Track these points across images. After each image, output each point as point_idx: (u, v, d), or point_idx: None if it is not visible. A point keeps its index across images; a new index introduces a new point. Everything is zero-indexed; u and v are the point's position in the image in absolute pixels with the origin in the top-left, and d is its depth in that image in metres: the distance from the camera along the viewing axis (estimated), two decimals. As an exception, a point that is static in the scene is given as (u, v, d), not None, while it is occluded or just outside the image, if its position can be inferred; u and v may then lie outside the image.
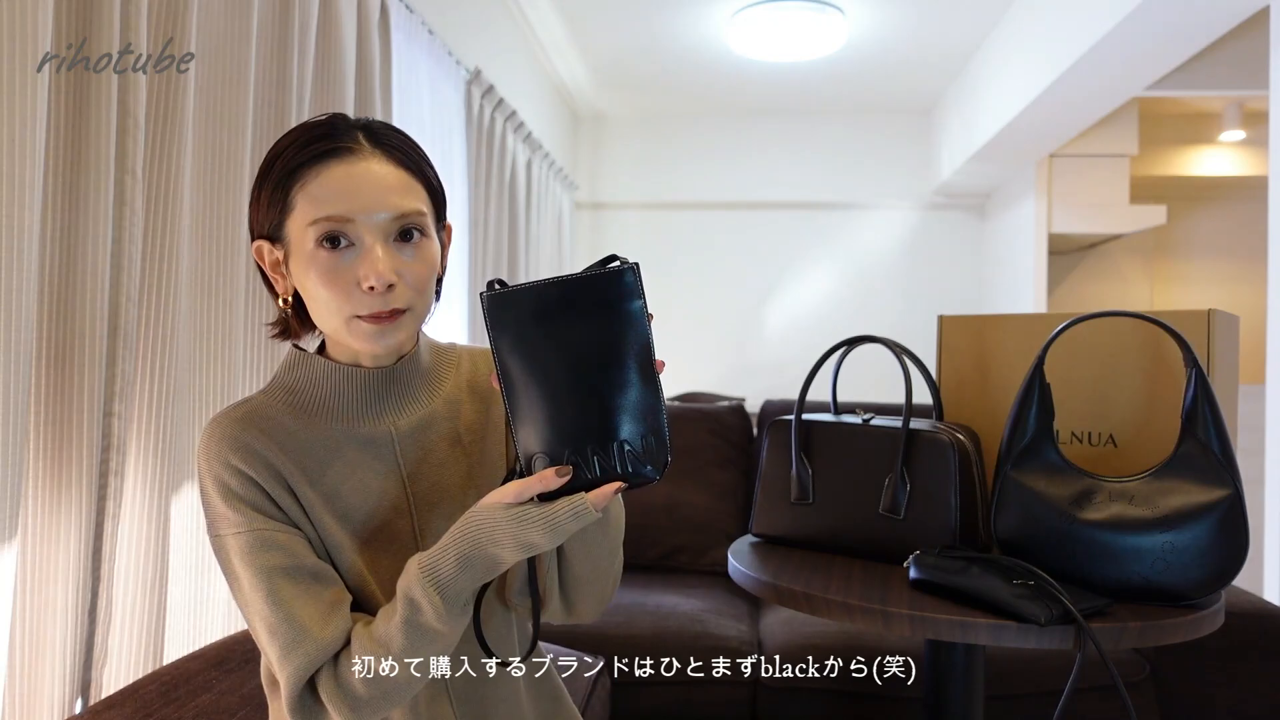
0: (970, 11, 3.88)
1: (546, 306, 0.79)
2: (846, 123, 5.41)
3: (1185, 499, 1.02)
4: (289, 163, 0.84)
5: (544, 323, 0.79)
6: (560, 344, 0.79)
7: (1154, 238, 5.02)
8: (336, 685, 0.82)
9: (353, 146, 0.84)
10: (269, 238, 0.87)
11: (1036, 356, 1.12)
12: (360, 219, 0.82)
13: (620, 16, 4.03)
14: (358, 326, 0.84)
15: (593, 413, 0.79)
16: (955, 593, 1.03)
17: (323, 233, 0.82)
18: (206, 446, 0.86)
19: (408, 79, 2.58)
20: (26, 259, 1.13)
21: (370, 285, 0.82)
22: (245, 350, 1.68)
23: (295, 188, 0.83)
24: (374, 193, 0.83)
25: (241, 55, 1.61)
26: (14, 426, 1.12)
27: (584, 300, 0.79)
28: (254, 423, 0.87)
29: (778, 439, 1.32)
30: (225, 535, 0.84)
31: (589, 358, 0.79)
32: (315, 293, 0.84)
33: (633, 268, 0.79)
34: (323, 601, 0.83)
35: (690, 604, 2.01)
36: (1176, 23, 2.74)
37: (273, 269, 0.89)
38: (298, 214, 0.83)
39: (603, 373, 0.79)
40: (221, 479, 0.84)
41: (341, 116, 0.88)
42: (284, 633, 0.81)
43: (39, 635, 1.24)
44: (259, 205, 0.87)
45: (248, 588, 0.83)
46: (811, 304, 5.40)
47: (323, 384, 0.91)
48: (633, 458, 0.80)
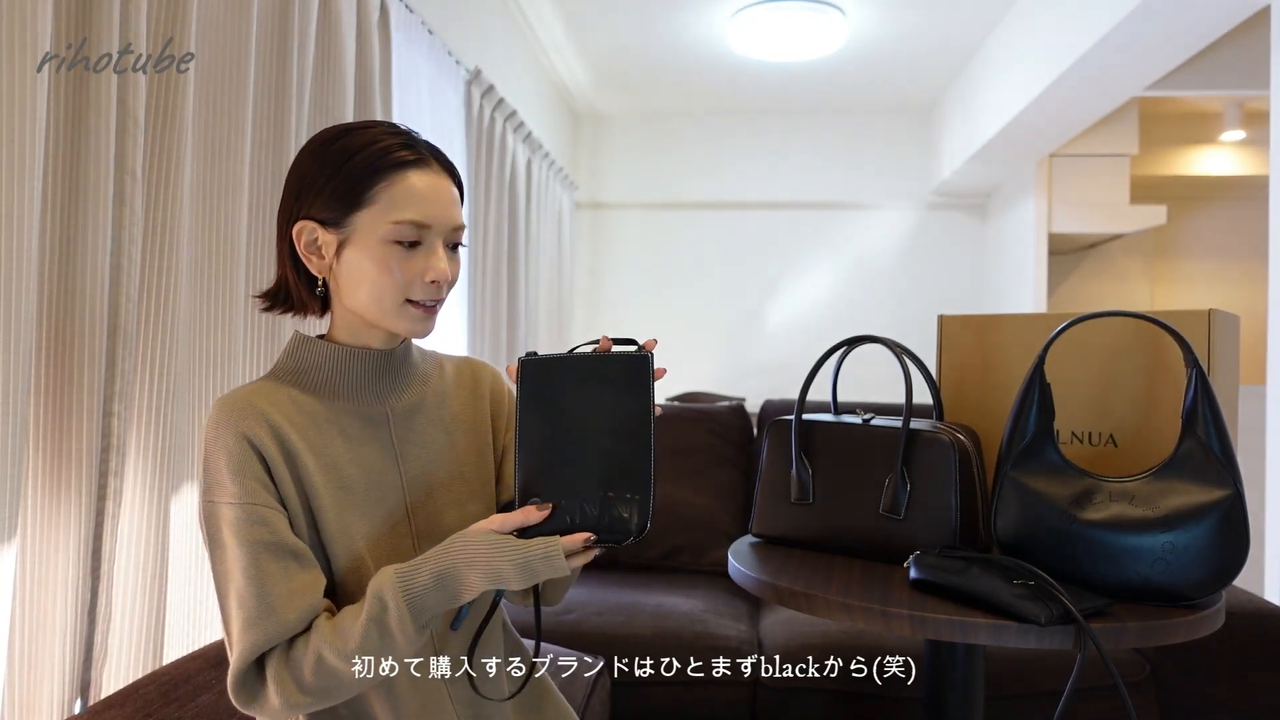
0: (970, 11, 3.88)
1: (573, 374, 0.91)
2: (846, 123, 5.41)
3: (1185, 499, 1.02)
4: (371, 161, 0.92)
5: (568, 387, 0.91)
6: (578, 407, 0.90)
7: (1154, 238, 5.02)
8: (286, 666, 0.85)
9: (425, 159, 0.95)
10: (322, 221, 0.93)
11: (1036, 356, 1.12)
12: (435, 226, 0.93)
13: (620, 16, 4.03)
14: (408, 311, 0.94)
15: (592, 471, 0.89)
16: (955, 593, 1.03)
17: (405, 234, 0.92)
18: (217, 418, 0.90)
19: (407, 79, 2.58)
20: (26, 258, 1.13)
21: (433, 280, 0.93)
22: (245, 350, 1.68)
23: (378, 185, 0.91)
24: (445, 206, 0.94)
25: (241, 55, 1.61)
26: (14, 426, 1.12)
27: (607, 374, 0.90)
28: (264, 396, 0.93)
29: (778, 439, 1.32)
30: (220, 503, 0.88)
31: (599, 423, 0.90)
32: (375, 278, 0.92)
33: (650, 357, 0.90)
34: (296, 583, 0.87)
35: (690, 604, 2.00)
36: (1176, 23, 2.74)
37: (307, 248, 0.95)
38: (376, 209, 0.91)
39: (608, 438, 0.89)
40: (230, 448, 0.88)
41: (395, 125, 0.97)
42: (251, 606, 0.85)
43: (39, 635, 1.24)
44: (319, 191, 0.93)
45: (230, 557, 0.87)
46: (811, 304, 5.40)
47: (326, 365, 0.97)
48: (617, 517, 0.88)
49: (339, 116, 1.96)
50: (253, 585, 0.85)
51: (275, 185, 1.74)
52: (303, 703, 0.85)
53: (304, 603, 0.86)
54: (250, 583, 0.85)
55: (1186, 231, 5.11)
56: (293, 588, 0.86)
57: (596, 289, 5.52)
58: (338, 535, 0.92)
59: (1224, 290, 5.03)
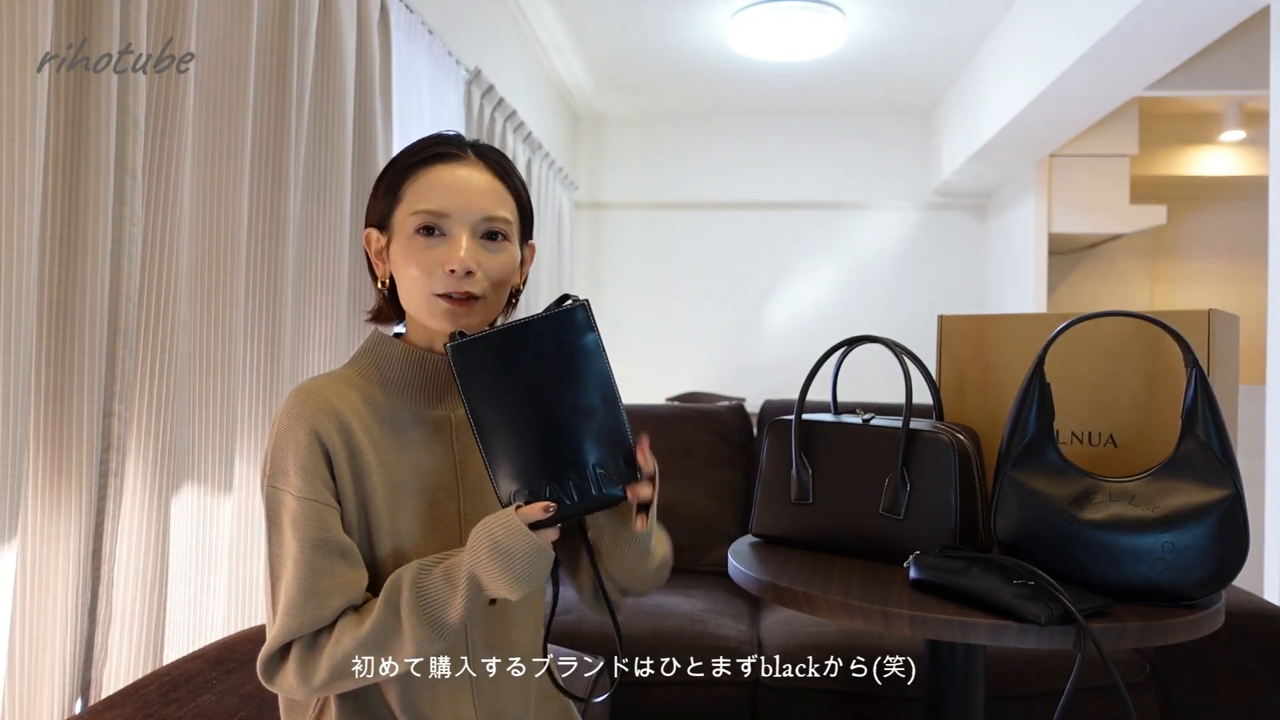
0: (970, 12, 3.88)
1: (508, 351, 0.86)
2: (846, 123, 5.41)
3: (1185, 499, 1.02)
4: (405, 161, 0.98)
5: (507, 367, 0.86)
6: (524, 384, 0.86)
7: (1154, 238, 5.02)
8: (309, 649, 0.89)
9: (458, 154, 0.97)
10: (378, 226, 0.99)
11: (1036, 356, 1.12)
12: (454, 214, 0.95)
13: (620, 16, 4.03)
14: (436, 304, 0.94)
15: (562, 444, 0.86)
16: (955, 593, 1.03)
17: (421, 222, 0.94)
18: (291, 408, 0.93)
19: (407, 79, 2.58)
20: (26, 259, 1.13)
21: (451, 269, 0.93)
22: (245, 350, 1.68)
23: (406, 183, 0.96)
24: (470, 194, 0.95)
25: (241, 55, 1.61)
26: (14, 426, 1.12)
27: (541, 341, 0.85)
28: (336, 390, 0.96)
29: (778, 439, 1.32)
30: (284, 491, 0.91)
31: (552, 394, 0.86)
32: (406, 271, 0.95)
33: (584, 305, 0.86)
34: (340, 579, 0.90)
35: (690, 604, 2.00)
36: (1176, 23, 2.74)
37: (376, 255, 1.01)
38: (404, 205, 0.96)
39: (566, 406, 0.86)
40: (299, 443, 0.91)
41: (458, 134, 1.01)
42: (293, 595, 0.88)
43: (39, 635, 1.24)
44: (376, 198, 1.00)
45: (285, 545, 0.91)
46: (811, 304, 5.40)
47: (396, 365, 1.00)
48: (605, 479, 0.86)
49: (339, 116, 1.96)
50: (300, 576, 0.89)
51: (275, 185, 1.74)
52: (316, 683, 0.89)
53: (343, 599, 0.90)
54: (298, 573, 0.89)
55: (1186, 231, 5.11)
56: (336, 583, 0.90)
57: (596, 289, 5.52)
58: (387, 534, 0.95)
59: (1224, 290, 5.03)
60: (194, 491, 1.54)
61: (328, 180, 1.93)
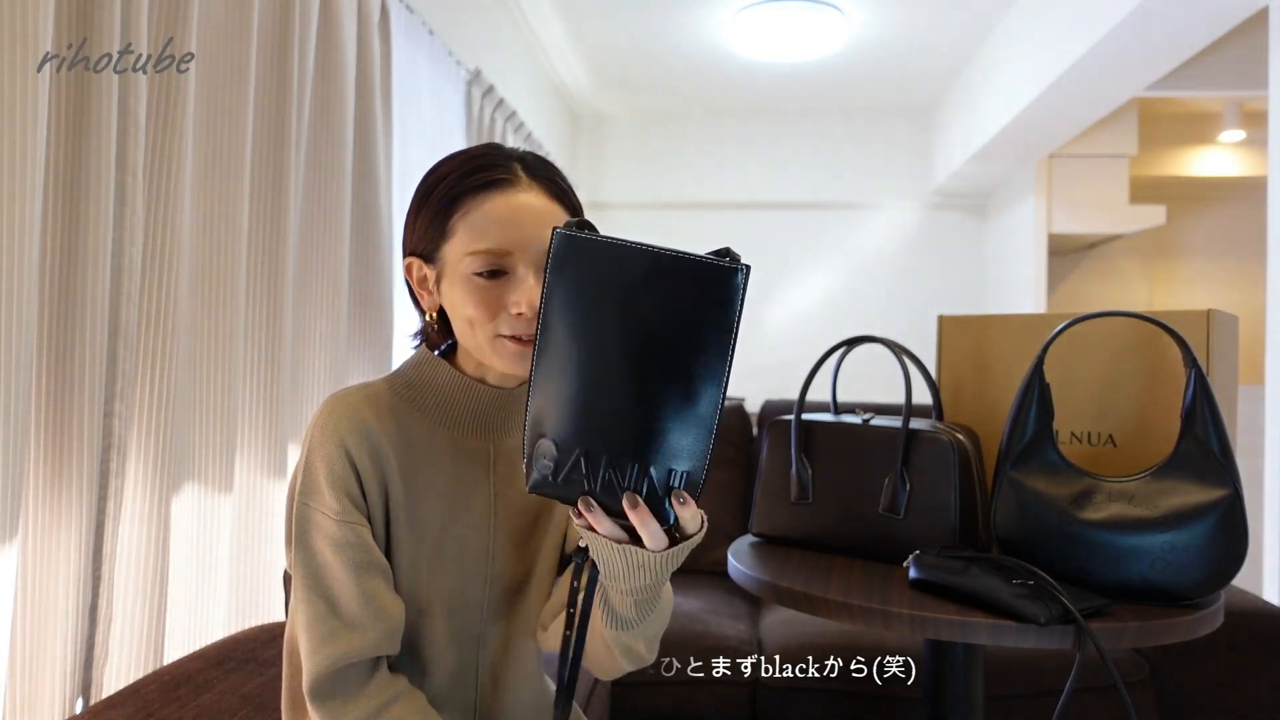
0: (970, 11, 3.88)
1: (630, 273, 0.66)
2: (846, 123, 5.41)
3: (1185, 499, 1.02)
4: (451, 189, 0.88)
5: (619, 291, 0.67)
6: (628, 322, 0.66)
7: (1154, 238, 5.02)
8: (346, 706, 0.84)
9: (510, 178, 0.88)
10: (423, 256, 0.92)
11: (1036, 356, 1.12)
12: (516, 252, 0.86)
13: (620, 17, 4.03)
14: (503, 346, 0.87)
15: (633, 420, 0.66)
16: (955, 593, 1.03)
17: (482, 265, 0.86)
18: (324, 423, 0.88)
19: (408, 79, 2.58)
20: (27, 258, 1.13)
21: (519, 311, 0.85)
22: (245, 350, 1.68)
23: (456, 215, 0.87)
24: (530, 228, 0.87)
25: (241, 55, 1.61)
26: (14, 427, 1.12)
27: (678, 284, 0.66)
28: (372, 406, 0.90)
29: (778, 439, 1.32)
30: (315, 509, 0.87)
31: (655, 352, 0.66)
32: (465, 312, 0.88)
33: (746, 268, 0.66)
34: (385, 601, 0.87)
35: (690, 604, 2.01)
36: (1176, 23, 2.74)
37: (419, 284, 0.94)
38: (457, 241, 0.87)
39: (664, 377, 0.66)
40: (331, 460, 0.87)
41: (497, 146, 0.92)
42: (331, 619, 0.85)
43: (39, 635, 1.24)
44: (415, 227, 0.92)
45: (318, 565, 0.86)
46: (811, 304, 5.40)
47: (443, 389, 0.94)
48: (651, 495, 0.67)
49: (339, 117, 1.96)
50: (334, 599, 0.85)
51: (276, 185, 1.74)
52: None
53: (387, 621, 0.86)
54: (334, 594, 0.85)
55: (1186, 232, 5.11)
56: (386, 604, 0.86)
57: (596, 289, 5.51)
58: (406, 562, 0.91)
59: (1223, 290, 5.03)
60: (195, 491, 1.54)
61: (328, 180, 1.94)
